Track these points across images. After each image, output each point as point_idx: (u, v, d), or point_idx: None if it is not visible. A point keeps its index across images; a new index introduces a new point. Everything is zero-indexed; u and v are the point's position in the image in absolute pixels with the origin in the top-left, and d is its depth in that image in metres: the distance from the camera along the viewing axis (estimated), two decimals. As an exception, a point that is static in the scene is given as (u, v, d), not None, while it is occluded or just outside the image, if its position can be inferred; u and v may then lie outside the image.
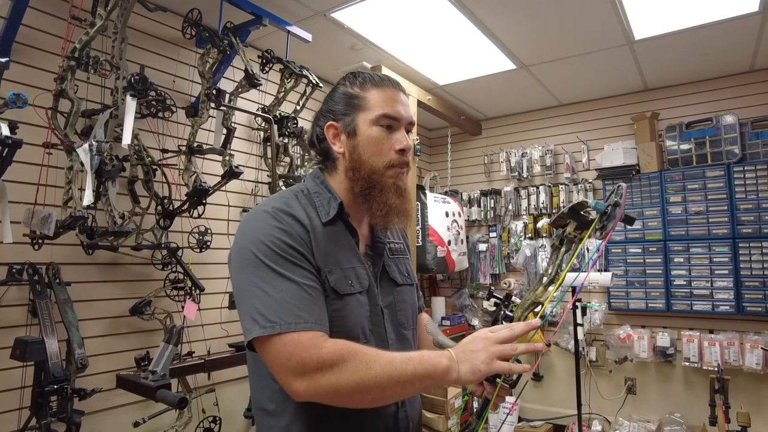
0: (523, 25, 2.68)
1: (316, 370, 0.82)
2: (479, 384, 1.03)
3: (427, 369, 0.85)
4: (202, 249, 2.37)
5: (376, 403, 0.87)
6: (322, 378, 0.81)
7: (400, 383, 0.83)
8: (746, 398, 3.02)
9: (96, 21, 1.80)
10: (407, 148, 1.03)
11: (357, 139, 1.02)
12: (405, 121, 1.04)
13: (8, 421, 1.79)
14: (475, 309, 4.19)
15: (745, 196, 3.11)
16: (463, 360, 0.87)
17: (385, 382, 0.82)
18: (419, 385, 0.85)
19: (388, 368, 0.83)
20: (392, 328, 1.07)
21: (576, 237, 0.88)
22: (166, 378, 1.76)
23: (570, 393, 3.17)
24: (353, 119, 1.03)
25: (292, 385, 0.83)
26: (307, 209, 1.01)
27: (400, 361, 0.84)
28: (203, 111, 2.19)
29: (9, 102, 1.48)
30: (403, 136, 1.03)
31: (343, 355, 0.83)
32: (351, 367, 0.82)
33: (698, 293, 3.21)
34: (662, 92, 3.59)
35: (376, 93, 1.03)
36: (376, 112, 1.02)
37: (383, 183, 1.02)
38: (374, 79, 1.06)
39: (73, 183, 1.79)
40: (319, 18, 2.56)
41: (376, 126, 1.02)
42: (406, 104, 1.07)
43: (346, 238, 1.04)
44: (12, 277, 1.79)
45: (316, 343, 0.84)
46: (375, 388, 0.82)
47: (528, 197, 3.99)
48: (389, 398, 0.87)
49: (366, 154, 1.02)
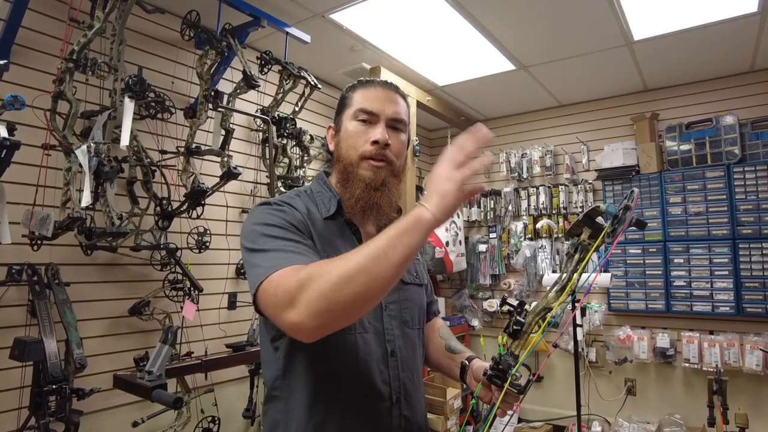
0: (522, 25, 2.68)
1: (299, 290, 0.79)
2: (487, 389, 1.03)
3: (399, 226, 0.81)
4: (200, 250, 2.38)
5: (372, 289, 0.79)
6: (306, 293, 0.78)
7: (381, 253, 0.79)
8: (746, 399, 3.01)
9: (94, 23, 1.81)
10: (381, 141, 1.04)
11: (340, 134, 1.10)
12: (384, 116, 1.06)
13: (7, 420, 1.80)
14: (475, 309, 4.19)
15: (745, 197, 3.10)
16: (430, 195, 0.84)
17: (365, 262, 0.78)
18: (399, 244, 0.79)
19: (362, 250, 0.80)
20: (396, 325, 1.08)
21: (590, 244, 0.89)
22: (162, 378, 1.77)
23: (570, 394, 3.17)
24: (341, 118, 1.11)
25: (287, 318, 0.80)
26: (309, 205, 1.07)
27: (371, 241, 0.82)
28: (202, 112, 2.20)
29: (7, 104, 1.49)
30: (379, 130, 1.05)
31: (318, 264, 0.83)
32: (328, 268, 0.79)
33: (698, 294, 3.20)
34: (662, 93, 3.58)
35: (360, 92, 1.10)
36: (354, 107, 1.08)
37: (355, 174, 1.06)
38: (366, 82, 1.13)
39: (72, 184, 1.80)
40: (318, 19, 2.57)
41: (354, 120, 1.08)
42: (393, 101, 1.09)
43: (347, 234, 1.08)
44: (11, 277, 1.80)
45: (296, 269, 0.84)
46: (358, 271, 0.77)
47: (528, 198, 3.99)
48: (378, 276, 0.78)
49: (344, 147, 1.08)
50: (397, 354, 1.06)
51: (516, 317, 0.95)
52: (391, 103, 1.08)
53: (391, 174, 1.07)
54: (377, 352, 1.03)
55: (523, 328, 0.93)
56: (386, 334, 1.05)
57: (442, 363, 1.24)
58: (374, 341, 1.03)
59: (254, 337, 2.44)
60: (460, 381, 1.17)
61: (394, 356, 1.05)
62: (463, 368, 1.15)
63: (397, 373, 1.05)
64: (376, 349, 1.03)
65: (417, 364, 1.13)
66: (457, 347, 1.23)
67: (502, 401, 0.97)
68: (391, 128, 1.07)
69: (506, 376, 0.93)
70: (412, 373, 1.09)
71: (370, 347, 1.02)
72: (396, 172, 1.08)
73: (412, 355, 1.11)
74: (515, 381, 0.92)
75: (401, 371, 1.06)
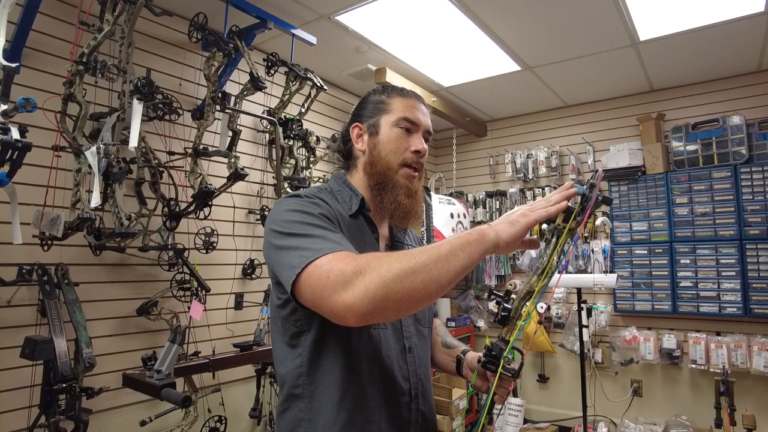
0: (527, 26, 2.68)
1: (356, 275, 0.79)
2: (483, 378, 1.07)
3: (464, 237, 0.86)
4: (207, 250, 2.39)
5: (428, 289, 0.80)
6: (365, 278, 0.78)
7: (442, 257, 0.82)
8: (754, 401, 2.99)
9: (104, 26, 1.83)
10: (423, 151, 1.11)
11: (378, 137, 1.11)
12: (423, 127, 1.13)
13: (18, 418, 1.82)
14: (481, 310, 4.19)
15: (752, 197, 3.09)
16: (501, 221, 0.91)
17: (428, 261, 0.81)
18: (462, 253, 0.84)
19: (425, 251, 0.83)
20: (411, 322, 1.11)
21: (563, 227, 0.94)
22: (171, 377, 1.79)
23: (575, 395, 3.17)
24: (377, 120, 1.13)
25: (340, 299, 0.79)
26: (332, 202, 1.09)
27: (436, 245, 0.85)
28: (209, 114, 2.22)
29: (19, 106, 1.51)
30: (420, 139, 1.12)
31: (378, 255, 0.84)
32: (389, 260, 0.81)
33: (705, 295, 3.19)
34: (668, 93, 3.58)
35: (400, 100, 1.14)
36: (397, 115, 1.11)
37: (395, 180, 1.09)
38: (400, 90, 1.17)
39: (81, 185, 1.82)
40: (324, 21, 2.58)
41: (396, 127, 1.11)
42: (426, 114, 1.16)
43: (367, 232, 1.10)
44: (22, 277, 1.82)
45: (350, 255, 0.84)
46: (421, 269, 0.80)
47: (533, 198, 3.99)
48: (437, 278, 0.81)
49: (384, 151, 1.10)
50: (414, 350, 1.08)
51: (503, 305, 0.99)
52: (426, 116, 1.15)
53: (419, 182, 1.13)
54: (396, 348, 1.05)
55: (511, 314, 0.97)
56: (403, 331, 1.08)
57: (439, 359, 1.27)
58: (393, 337, 1.05)
59: (261, 337, 2.45)
60: (456, 374, 1.20)
61: (412, 352, 1.08)
62: (459, 361, 1.19)
63: (414, 369, 1.07)
64: (395, 345, 1.05)
65: (428, 360, 1.16)
66: (452, 343, 1.28)
67: (498, 386, 0.99)
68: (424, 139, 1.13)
69: (499, 360, 0.96)
70: (426, 370, 1.12)
71: (390, 343, 1.04)
72: (421, 178, 1.14)
73: (425, 352, 1.14)
74: (507, 365, 0.95)
75: (418, 367, 1.08)
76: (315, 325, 0.97)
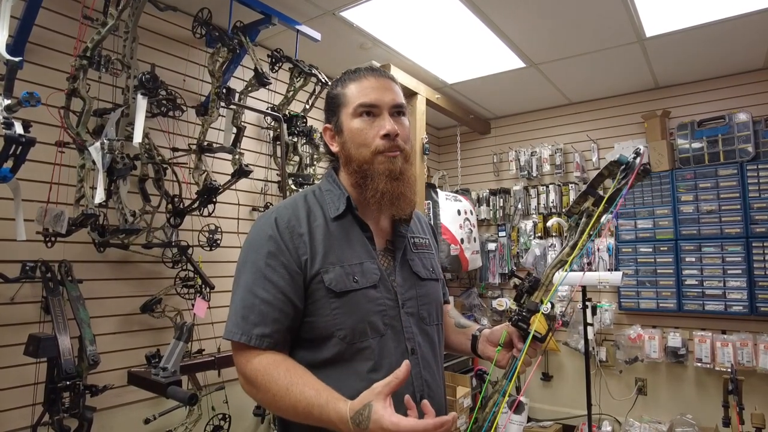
0: (533, 23, 2.66)
1: (246, 382, 0.98)
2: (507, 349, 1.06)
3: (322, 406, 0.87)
4: (212, 247, 2.38)
5: (290, 417, 0.94)
6: (246, 385, 0.99)
7: (291, 408, 0.91)
8: (760, 400, 2.98)
9: (107, 21, 1.81)
10: (392, 132, 1.02)
11: (344, 135, 1.06)
12: (386, 105, 1.04)
13: (22, 416, 1.81)
14: (484, 309, 4.18)
15: (758, 195, 3.07)
16: (371, 421, 0.80)
17: (277, 402, 0.93)
18: (303, 412, 0.90)
19: (285, 395, 0.91)
20: (414, 322, 1.07)
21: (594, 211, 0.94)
22: (177, 374, 1.78)
23: (580, 393, 3.15)
24: (338, 117, 1.07)
25: (240, 380, 1.01)
26: (314, 209, 1.05)
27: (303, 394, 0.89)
28: (213, 110, 2.20)
29: (22, 101, 1.49)
30: (386, 121, 1.03)
31: (258, 380, 0.95)
32: (261, 394, 0.95)
33: (710, 293, 3.17)
34: (673, 90, 3.55)
35: (353, 86, 1.06)
36: (353, 104, 1.04)
37: (373, 170, 1.03)
38: (353, 73, 1.08)
39: (85, 181, 1.81)
40: (328, 17, 2.57)
41: (356, 118, 1.04)
42: (389, 88, 1.06)
43: (356, 232, 1.06)
44: (25, 274, 1.81)
45: (247, 357, 0.97)
46: (275, 407, 0.95)
47: (537, 196, 3.97)
48: (284, 414, 0.94)
49: (353, 148, 1.04)
50: (418, 352, 1.05)
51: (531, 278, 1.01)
52: (388, 90, 1.05)
53: (404, 161, 1.05)
54: (396, 353, 1.01)
55: (542, 280, 0.99)
56: (405, 333, 1.04)
57: (453, 340, 1.25)
58: (393, 341, 1.02)
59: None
60: (471, 353, 1.19)
61: (415, 354, 1.04)
62: (475, 339, 1.17)
63: (418, 371, 1.04)
64: (395, 350, 1.02)
65: (437, 360, 1.12)
66: (466, 323, 1.26)
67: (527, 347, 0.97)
68: (394, 115, 1.05)
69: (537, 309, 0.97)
70: (433, 370, 1.08)
71: (388, 349, 1.01)
72: (407, 158, 1.06)
73: (432, 352, 1.10)
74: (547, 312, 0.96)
75: (422, 369, 1.05)
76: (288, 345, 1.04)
